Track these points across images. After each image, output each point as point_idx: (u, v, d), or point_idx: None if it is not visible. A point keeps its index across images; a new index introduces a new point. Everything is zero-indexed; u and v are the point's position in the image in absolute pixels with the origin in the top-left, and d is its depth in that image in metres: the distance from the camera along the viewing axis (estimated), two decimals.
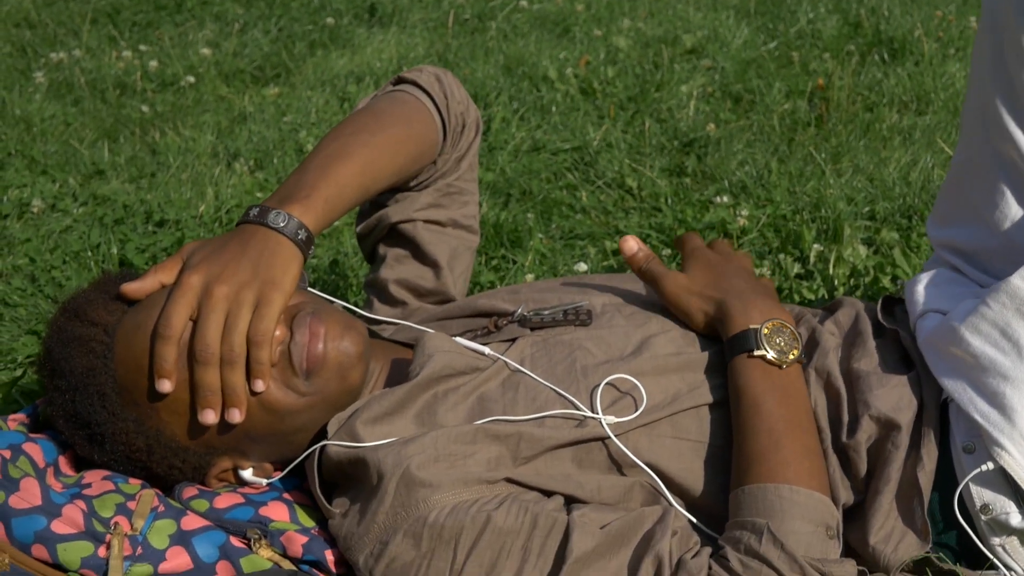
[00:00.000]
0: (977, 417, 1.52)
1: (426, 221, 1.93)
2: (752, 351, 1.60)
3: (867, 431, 1.59)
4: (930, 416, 1.59)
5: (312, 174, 1.65)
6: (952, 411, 1.58)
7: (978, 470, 1.51)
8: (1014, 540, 1.52)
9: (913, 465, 1.56)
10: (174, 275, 1.59)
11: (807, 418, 1.58)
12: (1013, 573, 1.53)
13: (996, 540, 1.53)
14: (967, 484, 1.53)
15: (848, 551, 1.58)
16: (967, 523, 1.54)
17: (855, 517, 1.59)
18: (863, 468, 1.58)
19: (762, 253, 2.67)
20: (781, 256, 2.60)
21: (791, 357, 1.61)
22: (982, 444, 1.52)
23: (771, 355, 1.60)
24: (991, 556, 1.53)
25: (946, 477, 1.56)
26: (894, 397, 1.61)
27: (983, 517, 1.52)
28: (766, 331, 1.62)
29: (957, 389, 1.56)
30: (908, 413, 1.59)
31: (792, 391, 1.59)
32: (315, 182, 1.64)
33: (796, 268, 2.56)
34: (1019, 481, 1.48)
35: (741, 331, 1.63)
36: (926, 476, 1.55)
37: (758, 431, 1.54)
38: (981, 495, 1.52)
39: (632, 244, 1.78)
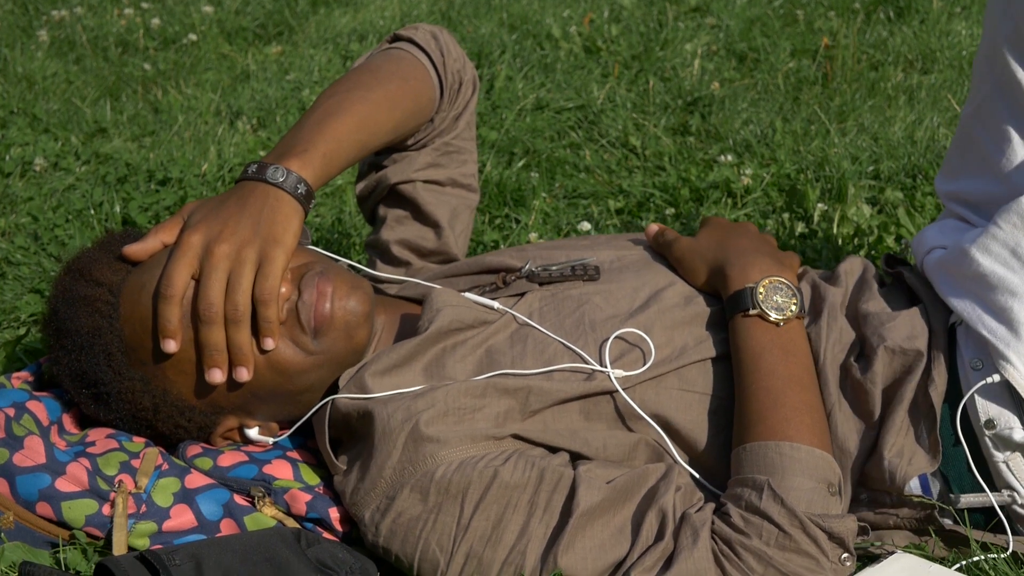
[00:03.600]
0: (984, 332, 1.54)
1: (425, 181, 1.93)
2: (748, 310, 1.61)
3: (883, 361, 1.60)
4: (938, 340, 1.61)
5: (309, 130, 1.65)
6: (960, 333, 1.60)
7: (983, 382, 1.54)
8: (1018, 457, 1.54)
9: (925, 384, 1.58)
10: (175, 235, 1.59)
11: (807, 374, 1.59)
12: (1016, 495, 1.55)
13: (1000, 456, 1.55)
14: (973, 400, 1.55)
15: (861, 485, 1.60)
16: (973, 447, 1.55)
17: (871, 443, 1.60)
18: (877, 403, 1.59)
19: (766, 212, 2.66)
20: (785, 215, 2.60)
21: (789, 314, 1.61)
22: (989, 361, 1.55)
23: (768, 313, 1.61)
24: (982, 484, 1.55)
25: (955, 396, 1.58)
26: (907, 327, 1.63)
27: (987, 432, 1.54)
28: (762, 289, 1.62)
29: (965, 307, 1.58)
30: (922, 339, 1.62)
31: (791, 348, 1.60)
32: (312, 137, 1.63)
33: (800, 227, 2.56)
34: (1022, 393, 1.50)
35: (738, 290, 1.64)
36: (937, 395, 1.57)
37: (757, 389, 1.55)
38: (987, 409, 1.54)
39: (653, 227, 1.82)
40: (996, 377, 1.53)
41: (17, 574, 1.44)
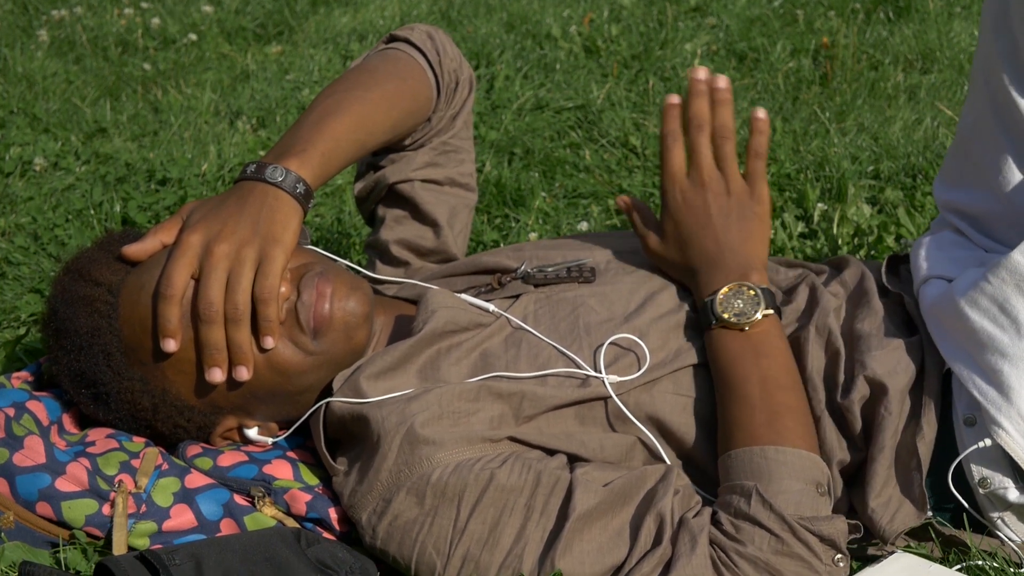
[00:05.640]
0: (976, 394, 1.51)
1: (424, 180, 1.93)
2: (711, 325, 1.61)
3: (861, 391, 1.58)
4: (931, 385, 1.59)
5: (307, 130, 1.65)
6: (955, 381, 1.57)
7: (975, 447, 1.51)
8: (1011, 514, 1.52)
9: (913, 434, 1.56)
10: (175, 235, 1.59)
11: (785, 374, 1.58)
12: (1011, 542, 1.53)
13: (994, 514, 1.53)
14: (967, 458, 1.52)
15: (852, 515, 1.58)
16: (966, 494, 1.53)
17: (855, 482, 1.59)
18: (858, 428, 1.58)
19: None
20: (785, 215, 2.59)
21: (755, 317, 1.60)
22: (982, 420, 1.52)
23: (730, 322, 1.60)
24: (989, 525, 1.54)
25: (947, 447, 1.55)
26: (891, 360, 1.60)
27: (981, 491, 1.52)
28: (720, 298, 1.61)
29: (958, 363, 1.55)
30: (903, 378, 1.59)
31: (764, 349, 1.59)
32: (311, 137, 1.64)
33: (800, 227, 2.56)
34: (1017, 460, 1.48)
35: (703, 303, 1.63)
36: (925, 446, 1.55)
37: (736, 398, 1.55)
38: (980, 469, 1.52)
39: (623, 201, 1.79)
40: (988, 442, 1.50)
41: (17, 574, 1.44)
